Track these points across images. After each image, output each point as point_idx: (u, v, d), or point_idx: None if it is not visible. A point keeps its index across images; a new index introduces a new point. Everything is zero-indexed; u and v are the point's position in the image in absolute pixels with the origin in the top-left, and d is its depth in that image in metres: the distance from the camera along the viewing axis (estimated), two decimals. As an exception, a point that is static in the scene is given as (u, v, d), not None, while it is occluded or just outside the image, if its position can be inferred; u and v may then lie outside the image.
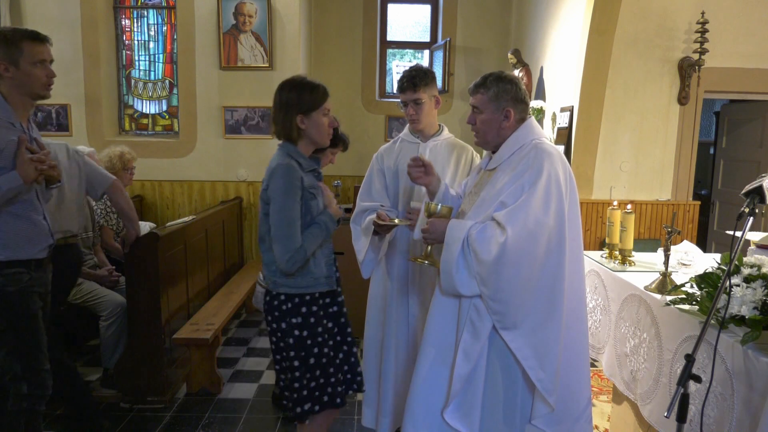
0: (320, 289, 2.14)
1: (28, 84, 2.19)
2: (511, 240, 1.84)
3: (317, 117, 2.09)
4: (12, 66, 2.14)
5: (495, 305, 1.90)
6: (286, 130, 2.10)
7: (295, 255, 2.00)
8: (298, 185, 2.01)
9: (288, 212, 2.00)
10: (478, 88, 2.05)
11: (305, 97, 2.08)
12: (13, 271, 2.18)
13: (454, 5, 6.23)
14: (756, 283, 1.76)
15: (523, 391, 1.98)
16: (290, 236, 1.99)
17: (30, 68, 2.17)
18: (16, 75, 2.16)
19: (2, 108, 2.18)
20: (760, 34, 4.56)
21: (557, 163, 1.96)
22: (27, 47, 2.16)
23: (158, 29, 5.63)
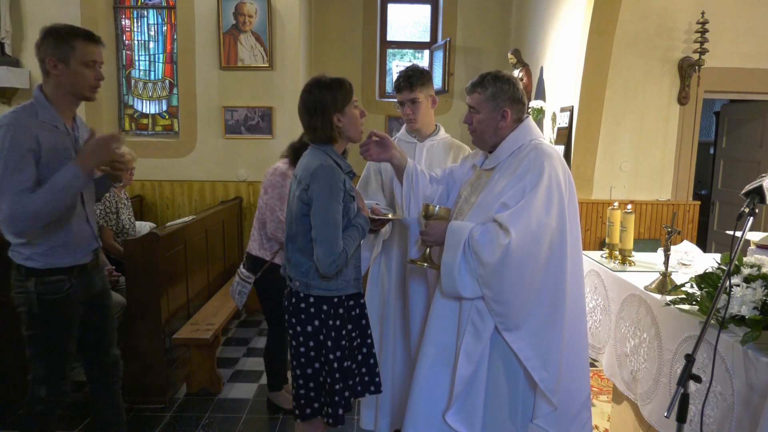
0: (349, 292, 2.11)
1: (75, 84, 2.10)
2: (515, 242, 1.83)
3: (351, 111, 2.06)
4: (61, 63, 2.06)
5: (498, 307, 1.90)
6: (327, 132, 2.03)
7: (338, 258, 1.96)
8: (341, 188, 1.98)
9: (332, 215, 1.96)
10: (476, 88, 2.05)
11: (337, 94, 2.01)
12: (54, 279, 2.15)
13: (454, 5, 6.23)
14: (756, 283, 1.76)
15: (525, 390, 1.99)
16: (335, 239, 1.95)
17: (80, 68, 2.08)
18: (64, 73, 2.07)
19: (46, 110, 2.10)
20: (760, 34, 4.56)
21: (557, 165, 1.96)
22: (80, 46, 2.07)
23: (158, 29, 5.63)
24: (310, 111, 2.02)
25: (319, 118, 2.01)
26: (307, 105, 2.03)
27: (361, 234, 2.08)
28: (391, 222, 2.49)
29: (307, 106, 2.03)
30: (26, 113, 2.06)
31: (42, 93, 2.11)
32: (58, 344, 2.22)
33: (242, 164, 5.49)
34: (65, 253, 2.17)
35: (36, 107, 2.08)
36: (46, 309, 2.15)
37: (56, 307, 2.17)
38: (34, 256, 2.12)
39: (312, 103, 2.01)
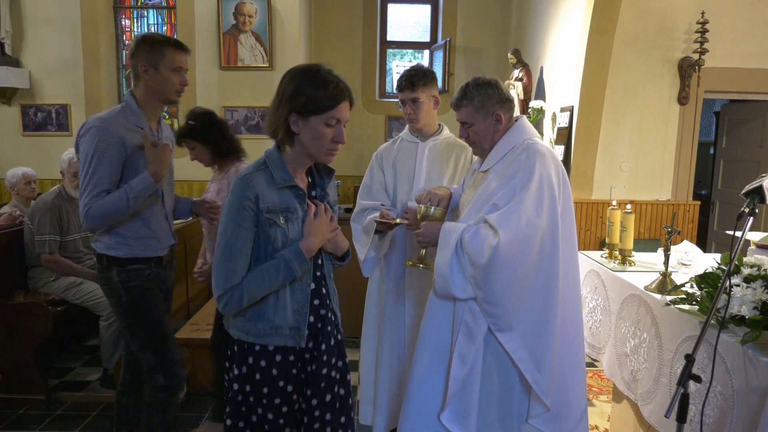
0: (277, 343, 1.65)
1: (163, 88, 2.22)
2: (504, 243, 1.83)
3: (317, 125, 1.59)
4: (152, 68, 2.19)
5: (490, 308, 1.90)
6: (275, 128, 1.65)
7: (227, 295, 1.59)
8: (248, 205, 1.58)
9: (228, 238, 1.59)
10: (461, 101, 2.05)
11: (311, 93, 1.58)
12: (134, 267, 2.25)
13: (454, 5, 6.23)
14: (756, 283, 1.76)
15: (520, 391, 1.99)
16: (227, 269, 1.59)
17: (168, 73, 2.21)
18: (153, 77, 2.20)
19: (134, 113, 2.23)
20: (760, 34, 4.56)
21: (549, 164, 1.95)
22: (169, 53, 2.20)
23: (158, 29, 5.63)
24: (275, 98, 1.66)
25: (274, 110, 1.64)
26: (278, 89, 1.66)
27: (284, 272, 1.60)
28: None
29: (277, 91, 1.66)
30: (115, 116, 2.18)
31: (133, 97, 2.25)
32: (157, 328, 2.30)
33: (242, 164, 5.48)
34: (145, 245, 2.27)
35: (126, 110, 2.22)
36: (134, 295, 2.25)
37: (145, 291, 2.27)
38: (115, 245, 2.23)
39: (280, 89, 1.64)
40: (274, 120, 1.64)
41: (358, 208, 2.66)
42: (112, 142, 2.11)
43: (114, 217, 2.13)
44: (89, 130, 2.13)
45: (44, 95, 5.41)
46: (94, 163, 2.10)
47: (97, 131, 2.12)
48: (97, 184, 2.09)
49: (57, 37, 5.33)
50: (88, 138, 2.12)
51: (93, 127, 2.12)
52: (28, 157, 5.21)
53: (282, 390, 1.68)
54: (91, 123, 2.14)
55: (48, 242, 3.43)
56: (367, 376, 2.76)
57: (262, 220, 1.60)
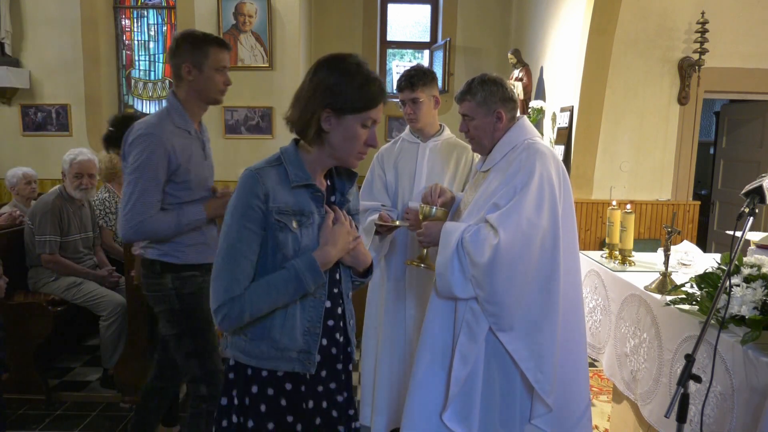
0: (285, 368, 1.43)
1: (207, 89, 2.15)
2: (504, 242, 1.83)
3: (355, 126, 1.41)
4: (195, 69, 2.11)
5: (490, 307, 1.90)
6: (302, 124, 1.42)
7: (227, 306, 1.37)
8: (256, 204, 1.38)
9: (231, 240, 1.39)
10: (465, 95, 2.05)
11: (351, 91, 1.39)
12: (189, 274, 2.20)
13: (454, 5, 6.23)
14: (756, 283, 1.76)
15: (522, 391, 1.99)
16: (228, 277, 1.38)
17: (212, 73, 2.13)
18: (197, 78, 2.12)
19: (180, 116, 2.15)
20: (760, 34, 4.56)
21: (550, 163, 1.95)
22: (213, 52, 2.12)
23: (158, 29, 5.63)
24: (306, 89, 1.42)
25: (304, 103, 1.41)
26: (311, 79, 1.42)
27: (294, 285, 1.38)
28: None
29: (310, 81, 1.42)
30: (162, 121, 2.10)
31: (176, 98, 2.17)
32: (204, 338, 2.24)
33: (242, 164, 5.44)
34: (198, 252, 2.22)
35: (171, 113, 2.14)
36: (186, 303, 2.19)
37: (197, 299, 2.21)
38: (170, 251, 2.16)
39: (315, 80, 1.41)
40: (302, 114, 1.40)
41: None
42: (161, 150, 2.04)
43: (158, 237, 2.11)
44: (138, 138, 2.05)
45: (44, 95, 5.41)
46: (142, 173, 2.03)
47: (145, 139, 2.04)
48: (142, 194, 2.03)
49: (57, 37, 5.33)
50: (137, 146, 2.05)
51: (142, 135, 2.05)
52: (28, 157, 5.21)
53: (290, 428, 1.45)
54: (140, 130, 2.07)
55: (48, 242, 3.42)
56: (368, 376, 2.76)
57: (272, 223, 1.39)
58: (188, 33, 2.15)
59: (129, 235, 2.06)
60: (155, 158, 2.03)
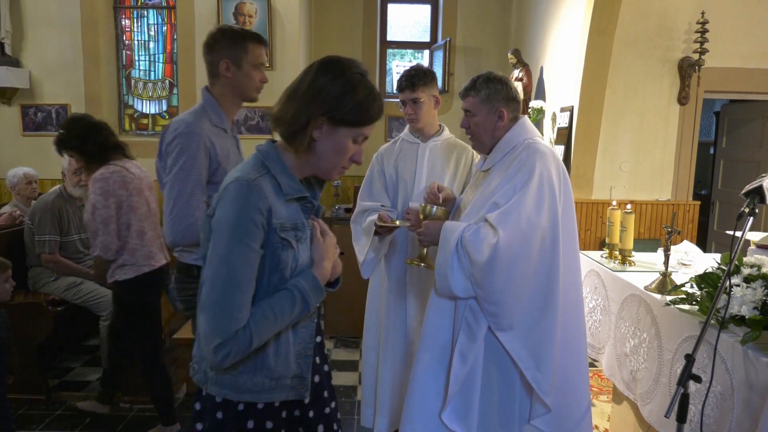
0: (282, 397, 1.34)
1: (245, 86, 2.09)
2: (503, 242, 1.84)
3: (342, 139, 1.32)
4: (234, 66, 2.05)
5: (490, 306, 1.90)
6: (292, 129, 1.30)
7: (233, 342, 1.20)
8: (259, 221, 1.24)
9: (233, 263, 1.21)
10: (469, 91, 2.06)
11: (349, 101, 1.30)
12: None
13: (454, 5, 6.23)
14: (756, 283, 1.76)
15: (521, 391, 1.99)
16: (231, 307, 1.20)
17: (251, 70, 2.07)
18: (236, 75, 2.06)
19: (216, 113, 2.09)
20: (760, 34, 4.56)
21: (550, 163, 1.96)
22: (252, 49, 2.05)
23: (158, 29, 5.63)
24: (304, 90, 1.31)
25: (300, 105, 1.29)
26: (311, 81, 1.32)
27: (300, 306, 1.29)
28: None
29: (309, 83, 1.32)
30: (199, 118, 2.03)
31: (210, 95, 2.10)
32: None
33: (242, 164, 5.47)
34: None
35: (207, 110, 2.08)
36: None
37: None
38: None
39: (317, 83, 1.31)
40: (296, 115, 1.28)
41: (358, 209, 2.66)
42: (201, 150, 1.98)
43: None
44: (177, 137, 1.98)
45: (44, 95, 5.41)
46: (187, 174, 1.96)
47: (186, 139, 1.97)
48: (190, 196, 1.97)
49: (57, 37, 5.33)
50: (177, 145, 1.97)
51: (181, 134, 1.98)
52: (28, 157, 5.21)
53: None
54: (178, 128, 1.99)
55: (48, 242, 3.42)
56: (369, 377, 2.75)
57: (274, 241, 1.26)
58: (226, 28, 2.08)
59: (177, 239, 1.97)
60: (198, 158, 1.97)
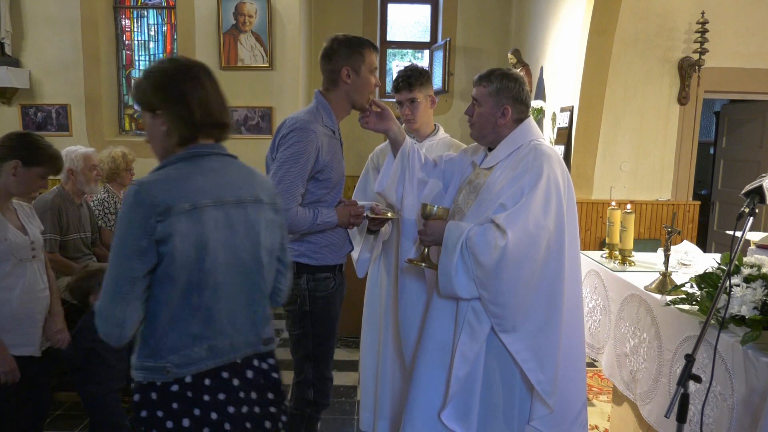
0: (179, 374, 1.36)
1: (361, 92, 2.14)
2: (512, 243, 1.83)
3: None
4: (354, 73, 2.10)
5: (494, 308, 1.90)
6: None
7: None
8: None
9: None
10: (482, 81, 2.04)
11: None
12: (323, 276, 2.17)
13: (454, 5, 6.23)
14: (756, 283, 1.76)
15: (521, 392, 1.98)
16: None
17: (368, 76, 2.12)
18: (355, 82, 2.11)
19: (329, 116, 2.16)
20: (760, 34, 4.56)
21: (555, 166, 1.96)
22: (368, 55, 2.11)
23: (158, 29, 5.63)
24: None
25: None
26: None
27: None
28: (391, 222, 2.49)
29: None
30: (315, 118, 2.10)
31: (325, 99, 2.16)
32: (325, 343, 2.22)
33: (242, 164, 5.47)
34: (331, 252, 2.20)
35: (321, 112, 2.14)
36: (317, 306, 2.16)
37: (327, 304, 2.19)
38: (308, 252, 2.14)
39: None
40: None
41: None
42: (313, 146, 2.04)
43: (293, 230, 2.06)
44: (294, 131, 2.04)
45: (44, 95, 5.40)
46: (293, 164, 2.01)
47: (301, 133, 2.03)
48: (291, 185, 2.01)
49: (57, 37, 5.32)
50: (292, 137, 2.03)
51: (298, 129, 2.04)
52: (28, 157, 5.21)
53: None
54: (296, 123, 2.06)
55: (48, 241, 3.42)
56: (368, 380, 2.74)
57: None
58: (343, 37, 2.13)
59: None
60: (308, 152, 2.02)
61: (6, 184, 2.16)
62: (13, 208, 2.26)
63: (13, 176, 2.14)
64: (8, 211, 2.22)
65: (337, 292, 2.26)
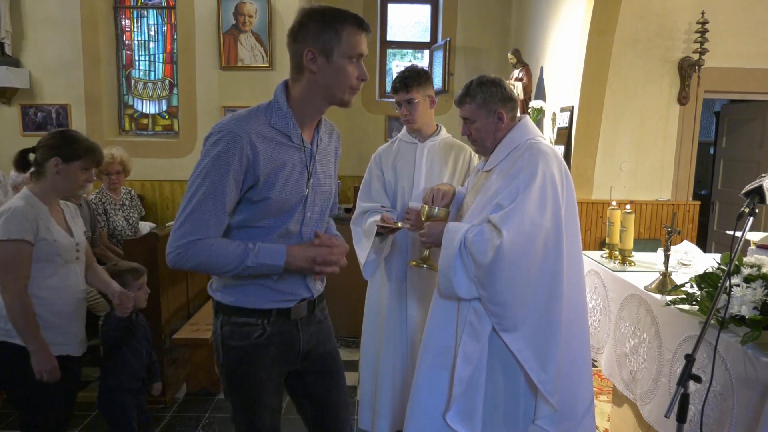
0: None
1: (335, 84, 1.58)
2: (507, 243, 1.83)
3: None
4: (322, 56, 1.55)
5: (494, 308, 1.90)
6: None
7: None
8: None
9: None
10: (465, 99, 2.06)
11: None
12: (242, 320, 1.66)
13: (454, 5, 6.23)
14: (756, 283, 1.76)
15: (526, 391, 1.99)
16: None
17: (344, 63, 1.56)
18: (324, 69, 1.55)
19: (283, 117, 1.61)
20: (760, 34, 4.55)
21: (552, 163, 1.96)
22: (347, 34, 1.55)
23: (158, 29, 5.63)
24: None
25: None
26: None
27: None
28: None
29: None
30: (254, 116, 1.60)
31: (285, 92, 1.65)
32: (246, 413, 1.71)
33: (242, 164, 5.48)
34: (260, 290, 1.65)
35: (272, 108, 1.63)
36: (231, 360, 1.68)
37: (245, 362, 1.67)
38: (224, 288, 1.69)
39: None
40: None
41: (358, 211, 2.66)
42: (235, 154, 1.51)
43: (207, 270, 1.58)
44: (212, 134, 1.57)
45: (44, 95, 5.40)
46: (205, 177, 1.52)
47: (222, 139, 1.53)
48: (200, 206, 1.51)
49: (57, 37, 5.32)
50: (208, 145, 1.55)
51: (217, 131, 1.56)
52: (28, 157, 5.22)
53: None
54: (219, 125, 1.58)
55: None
56: (367, 379, 2.74)
57: None
58: (316, 8, 1.58)
59: (173, 258, 1.52)
60: (225, 161, 1.51)
61: (52, 184, 2.15)
62: (60, 209, 2.27)
63: (57, 174, 2.13)
64: (56, 212, 2.22)
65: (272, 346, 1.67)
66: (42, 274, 2.13)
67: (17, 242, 2.04)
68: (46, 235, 2.11)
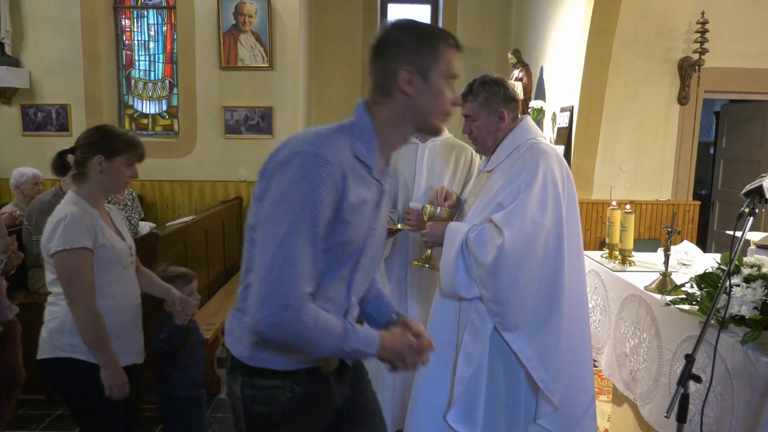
0: None
1: (432, 108, 1.36)
2: (509, 242, 1.84)
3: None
4: (419, 77, 1.32)
5: (495, 307, 1.90)
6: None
7: None
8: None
9: None
10: (467, 96, 2.06)
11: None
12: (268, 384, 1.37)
13: (454, 5, 6.23)
14: (756, 283, 1.76)
15: (527, 391, 1.99)
16: None
17: (441, 85, 1.37)
18: (420, 91, 1.33)
19: (367, 144, 1.33)
20: (760, 34, 4.55)
21: (553, 163, 1.96)
22: (444, 52, 1.35)
23: (158, 29, 5.63)
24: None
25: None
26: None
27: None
28: None
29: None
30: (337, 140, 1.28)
31: (369, 116, 1.35)
32: None
33: (242, 164, 5.49)
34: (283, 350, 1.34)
35: (356, 134, 1.33)
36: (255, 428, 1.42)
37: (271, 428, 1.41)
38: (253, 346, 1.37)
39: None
40: None
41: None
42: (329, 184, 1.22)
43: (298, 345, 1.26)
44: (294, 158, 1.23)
45: (44, 95, 5.41)
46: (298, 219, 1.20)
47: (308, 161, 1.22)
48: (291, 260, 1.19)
49: (57, 37, 5.33)
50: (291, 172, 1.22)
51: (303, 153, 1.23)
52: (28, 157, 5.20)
53: None
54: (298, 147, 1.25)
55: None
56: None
57: None
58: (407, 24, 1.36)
59: (265, 328, 1.21)
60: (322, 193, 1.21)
61: (98, 182, 2.01)
62: (107, 212, 2.12)
63: (101, 172, 1.99)
64: (105, 216, 2.08)
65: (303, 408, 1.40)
66: (103, 282, 1.97)
67: (79, 251, 1.89)
68: (104, 240, 1.98)
